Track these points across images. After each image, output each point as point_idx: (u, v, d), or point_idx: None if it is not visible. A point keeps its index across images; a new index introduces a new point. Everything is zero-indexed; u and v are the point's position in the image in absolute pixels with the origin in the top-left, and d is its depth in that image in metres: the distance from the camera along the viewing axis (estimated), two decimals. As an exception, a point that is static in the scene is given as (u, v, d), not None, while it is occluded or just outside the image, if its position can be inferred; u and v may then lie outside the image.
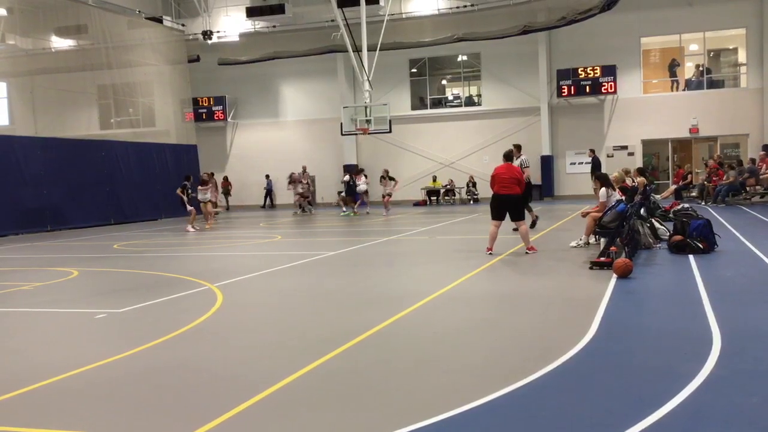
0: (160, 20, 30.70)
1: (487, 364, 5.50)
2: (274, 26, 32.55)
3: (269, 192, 34.60)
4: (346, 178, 27.20)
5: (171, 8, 33.08)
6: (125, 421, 4.50)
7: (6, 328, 7.82)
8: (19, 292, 10.14)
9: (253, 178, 35.07)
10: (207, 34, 32.48)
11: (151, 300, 8.78)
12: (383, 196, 26.06)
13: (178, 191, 21.62)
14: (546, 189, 31.73)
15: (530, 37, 30.48)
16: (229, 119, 35.48)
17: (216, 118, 35.24)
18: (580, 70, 30.38)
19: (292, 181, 28.78)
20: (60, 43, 33.20)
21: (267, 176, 34.47)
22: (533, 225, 15.76)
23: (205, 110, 35.01)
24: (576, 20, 28.52)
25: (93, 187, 24.06)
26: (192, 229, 20.49)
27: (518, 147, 14.89)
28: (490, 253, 11.86)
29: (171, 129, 31.70)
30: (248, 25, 32.69)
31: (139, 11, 29.81)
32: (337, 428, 4.24)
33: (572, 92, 30.64)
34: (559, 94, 30.97)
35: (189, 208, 21.35)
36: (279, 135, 35.37)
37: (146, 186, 27.11)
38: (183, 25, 32.61)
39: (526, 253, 11.87)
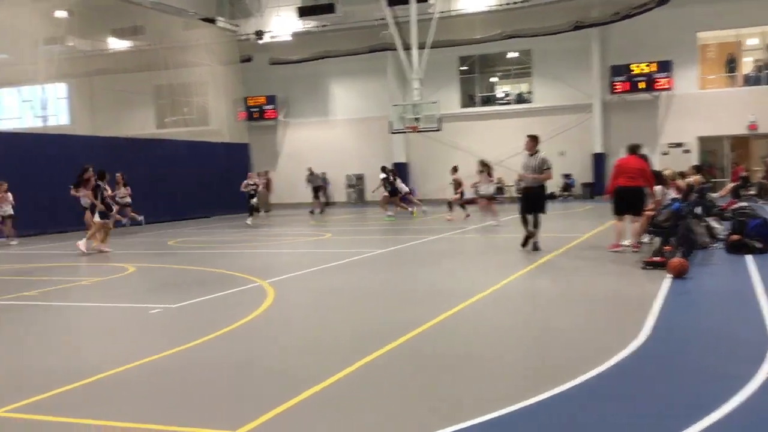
0: (214, 21, 31.25)
1: (535, 364, 5.47)
2: (324, 25, 32.81)
3: (324, 189, 34.91)
4: (383, 176, 23.86)
5: (225, 9, 33.61)
6: (178, 413, 4.63)
7: (66, 321, 8.10)
8: (78, 286, 10.47)
9: (303, 176, 35.38)
10: (259, 34, 32.94)
11: (204, 296, 8.97)
12: (482, 198, 19.09)
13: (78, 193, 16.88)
14: (598, 187, 31.22)
15: (582, 33, 30.01)
16: (280, 118, 35.89)
17: (267, 117, 35.69)
18: (634, 66, 29.79)
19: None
20: (117, 44, 34.09)
21: (323, 173, 34.77)
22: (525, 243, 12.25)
23: (257, 109, 35.49)
24: (631, 15, 27.98)
25: (148, 185, 24.61)
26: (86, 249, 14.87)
27: (535, 138, 12.32)
28: (619, 251, 11.42)
29: (224, 128, 32.27)
30: (299, 25, 33.01)
31: (194, 12, 30.38)
32: (385, 426, 4.28)
33: (626, 89, 30.08)
34: (612, 90, 30.42)
35: (94, 219, 15.35)
36: (329, 133, 35.63)
37: (200, 184, 27.61)
38: (236, 25, 33.11)
39: (615, 250, 11.50)
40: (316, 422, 4.34)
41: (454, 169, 22.19)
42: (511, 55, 33.35)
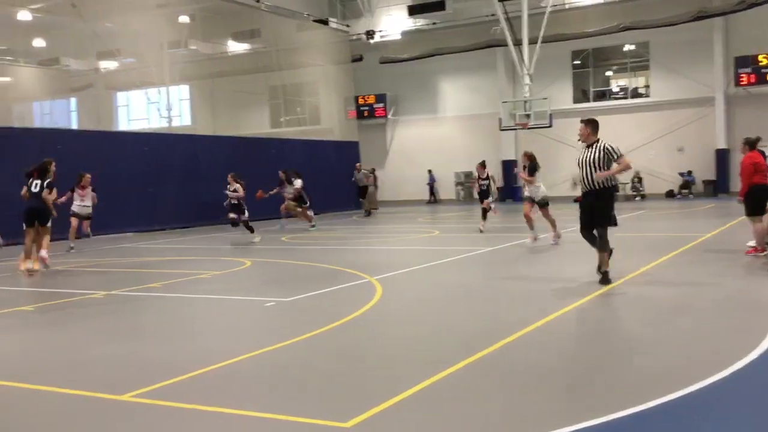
0: (326, 22, 31.96)
1: (650, 369, 5.29)
2: (434, 23, 32.86)
3: (431, 186, 35.13)
4: (299, 184, 20.62)
5: (336, 10, 34.31)
6: (290, 404, 4.80)
7: (186, 313, 8.56)
8: (198, 280, 11.02)
9: (412, 173, 35.64)
10: (370, 34, 33.42)
11: (315, 290, 9.23)
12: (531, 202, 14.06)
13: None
14: (720, 185, 29.68)
15: (704, 23, 28.54)
16: (389, 116, 36.26)
17: (377, 115, 36.15)
18: (761, 57, 28.06)
19: (281, 183, 21.03)
20: (235, 47, 35.47)
21: (429, 171, 35.00)
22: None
23: (366, 108, 36.02)
24: (758, 3, 26.36)
25: (264, 182, 25.47)
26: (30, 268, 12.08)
27: (592, 123, 9.10)
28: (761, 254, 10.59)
29: (335, 126, 32.97)
30: (409, 23, 33.23)
31: (307, 14, 31.18)
32: (489, 424, 4.28)
33: (752, 81, 28.39)
34: (737, 83, 28.78)
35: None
36: (437, 131, 35.66)
37: (312, 181, 28.32)
38: (347, 26, 33.73)
39: (755, 254, 10.71)
40: (423, 418, 4.40)
41: (482, 165, 17.44)
42: (627, 47, 32.19)
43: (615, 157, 8.69)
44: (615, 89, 33.18)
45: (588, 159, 8.75)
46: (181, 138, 25.52)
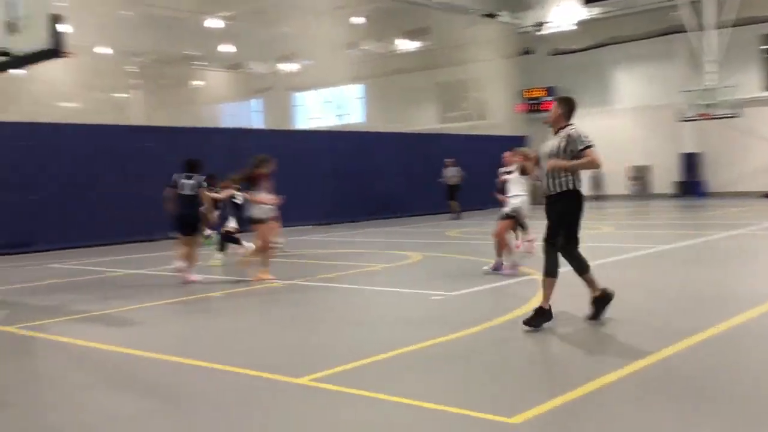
0: (495, 16, 31.77)
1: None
2: (608, 11, 31.62)
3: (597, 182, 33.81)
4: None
5: (505, 3, 34.00)
6: (457, 395, 4.95)
7: (357, 304, 9.01)
8: (368, 272, 11.51)
9: (581, 168, 34.52)
10: (539, 26, 32.77)
11: (481, 285, 9.34)
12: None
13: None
14: None
15: None
16: (558, 109, 35.36)
17: (545, 108, 35.37)
18: None
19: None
20: (406, 45, 36.24)
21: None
22: None
23: (535, 101, 35.38)
24: None
25: (431, 177, 25.89)
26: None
27: (565, 102, 6.92)
28: None
29: (502, 121, 32.75)
30: (582, 13, 32.19)
31: (476, 9, 31.17)
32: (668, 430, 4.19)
33: None
34: None
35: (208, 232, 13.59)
36: (608, 123, 34.19)
37: (478, 177, 28.36)
38: (517, 19, 33.32)
39: None
40: (595, 419, 4.37)
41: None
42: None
43: (578, 147, 6.52)
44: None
45: (549, 149, 6.70)
46: (354, 135, 26.54)
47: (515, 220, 10.68)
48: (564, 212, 6.67)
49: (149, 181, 16.84)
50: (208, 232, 14.18)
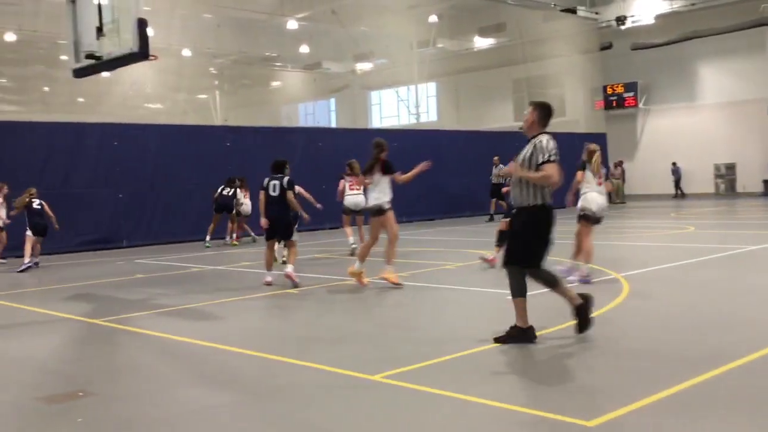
0: (574, 11, 31.10)
1: None
2: (693, 4, 30.48)
3: (677, 180, 32.69)
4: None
5: (584, -2, 33.33)
6: (534, 397, 4.90)
7: (433, 302, 9.00)
8: (443, 270, 11.48)
9: (662, 166, 33.43)
10: (620, 20, 31.87)
11: (559, 286, 9.15)
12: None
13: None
14: None
15: None
16: (640, 105, 34.34)
17: (627, 104, 34.43)
18: None
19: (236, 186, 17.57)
20: (481, 42, 35.94)
21: (673, 164, 32.55)
22: None
23: (615, 97, 34.47)
24: None
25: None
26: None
27: (542, 108, 6.81)
28: None
29: (580, 118, 32.06)
30: (665, 6, 31.17)
31: (554, 4, 30.63)
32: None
33: None
34: None
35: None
36: (692, 120, 33.05)
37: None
38: (596, 13, 32.53)
39: None
40: (676, 425, 4.24)
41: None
42: None
43: (539, 159, 6.17)
44: None
45: (520, 158, 6.33)
46: (427, 133, 26.50)
47: (590, 220, 9.98)
48: (526, 228, 6.25)
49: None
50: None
